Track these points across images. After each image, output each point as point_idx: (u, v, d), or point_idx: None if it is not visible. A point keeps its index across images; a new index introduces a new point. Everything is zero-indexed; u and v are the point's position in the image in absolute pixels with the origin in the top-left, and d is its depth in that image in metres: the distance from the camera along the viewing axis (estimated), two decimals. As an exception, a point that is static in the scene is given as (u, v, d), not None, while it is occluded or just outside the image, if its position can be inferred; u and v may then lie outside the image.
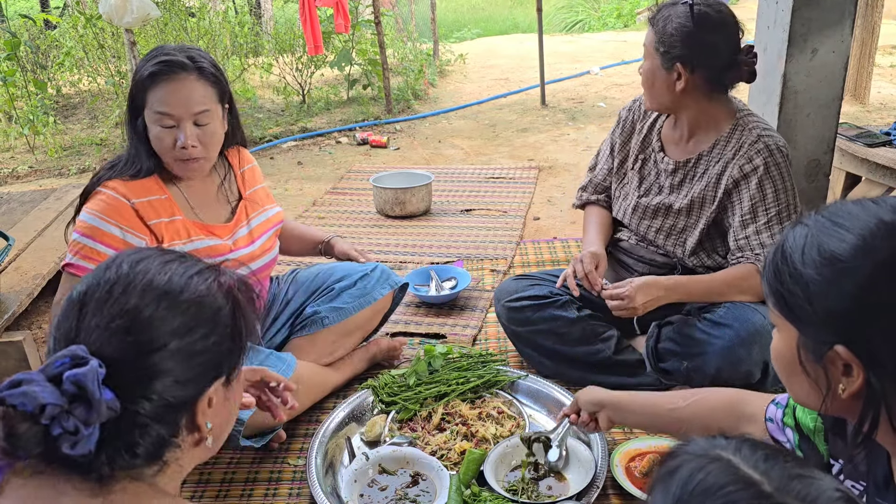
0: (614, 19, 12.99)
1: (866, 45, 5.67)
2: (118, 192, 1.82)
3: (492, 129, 5.85)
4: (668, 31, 1.89)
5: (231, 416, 0.98)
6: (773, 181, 1.91)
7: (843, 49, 2.29)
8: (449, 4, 15.13)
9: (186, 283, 0.88)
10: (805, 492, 0.62)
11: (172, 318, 0.85)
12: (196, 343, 0.87)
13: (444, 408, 2.04)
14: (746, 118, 1.99)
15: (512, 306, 2.26)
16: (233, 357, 0.93)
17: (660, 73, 1.93)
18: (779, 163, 1.91)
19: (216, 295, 0.90)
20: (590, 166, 2.37)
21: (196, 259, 0.95)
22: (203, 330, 0.87)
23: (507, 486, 1.76)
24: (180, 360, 0.85)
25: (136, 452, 0.84)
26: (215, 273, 0.94)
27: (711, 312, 1.97)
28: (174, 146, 1.80)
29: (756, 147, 1.91)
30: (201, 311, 0.88)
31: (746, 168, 1.92)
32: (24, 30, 7.67)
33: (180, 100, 1.77)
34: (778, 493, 0.62)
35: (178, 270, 0.89)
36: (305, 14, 6.04)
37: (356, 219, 3.88)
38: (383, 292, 2.27)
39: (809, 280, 0.90)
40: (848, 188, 2.87)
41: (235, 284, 0.95)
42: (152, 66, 1.77)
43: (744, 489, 0.62)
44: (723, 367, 1.90)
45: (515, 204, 3.98)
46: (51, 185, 4.85)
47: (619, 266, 2.21)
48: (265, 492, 1.85)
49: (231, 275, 0.96)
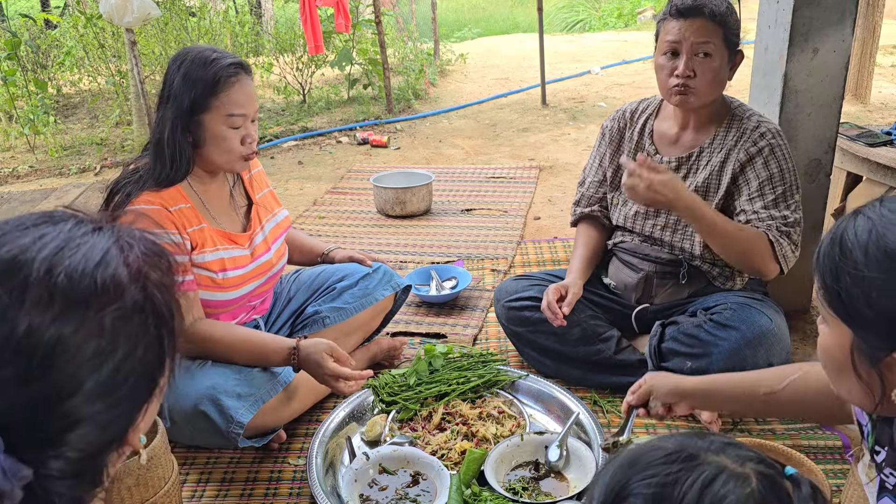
0: (615, 19, 12.98)
1: (867, 44, 5.67)
2: (153, 203, 1.80)
3: (492, 129, 5.85)
4: (731, 20, 1.91)
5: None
6: (779, 161, 1.95)
7: (844, 48, 2.29)
8: (450, 4, 15.12)
9: (89, 276, 0.63)
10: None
11: (83, 344, 0.62)
12: (118, 369, 0.64)
13: (444, 407, 2.04)
14: (741, 108, 2.06)
15: (512, 306, 2.26)
16: (164, 361, 0.71)
17: (724, 67, 1.95)
18: (780, 145, 1.97)
19: (128, 287, 0.65)
20: (579, 182, 2.36)
21: (69, 217, 0.69)
22: (124, 349, 0.65)
23: (507, 486, 1.76)
24: (98, 400, 0.63)
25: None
26: (113, 242, 0.67)
27: (717, 314, 1.97)
28: (243, 144, 1.85)
29: (759, 131, 1.97)
30: (119, 326, 0.64)
31: (752, 150, 1.96)
32: (25, 29, 7.67)
33: (248, 99, 1.84)
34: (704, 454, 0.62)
35: (56, 240, 0.64)
36: (306, 13, 6.04)
37: (357, 218, 3.88)
38: (385, 293, 2.27)
39: (872, 283, 0.82)
40: (849, 188, 2.87)
41: (143, 259, 0.69)
42: (225, 70, 1.79)
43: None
44: (728, 370, 1.89)
45: (516, 203, 3.97)
46: (51, 185, 4.85)
47: (625, 266, 2.20)
48: (265, 491, 1.85)
49: (132, 240, 0.70)
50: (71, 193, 4.47)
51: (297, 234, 2.39)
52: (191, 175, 1.89)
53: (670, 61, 1.95)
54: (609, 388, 2.17)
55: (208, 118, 1.80)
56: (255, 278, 1.99)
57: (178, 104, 1.78)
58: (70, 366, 0.62)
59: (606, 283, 2.26)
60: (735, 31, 1.93)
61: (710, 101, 1.99)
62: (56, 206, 3.68)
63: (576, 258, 2.24)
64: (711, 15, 1.88)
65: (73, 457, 0.64)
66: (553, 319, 2.03)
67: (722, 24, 1.90)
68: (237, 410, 1.78)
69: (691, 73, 1.92)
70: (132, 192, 1.79)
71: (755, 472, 0.63)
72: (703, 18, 1.88)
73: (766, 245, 1.93)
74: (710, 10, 1.88)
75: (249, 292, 2.00)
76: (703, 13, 1.88)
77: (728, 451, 0.65)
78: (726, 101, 2.07)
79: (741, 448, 0.66)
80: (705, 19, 1.88)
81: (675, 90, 1.95)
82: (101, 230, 0.68)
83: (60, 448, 0.63)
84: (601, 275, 2.28)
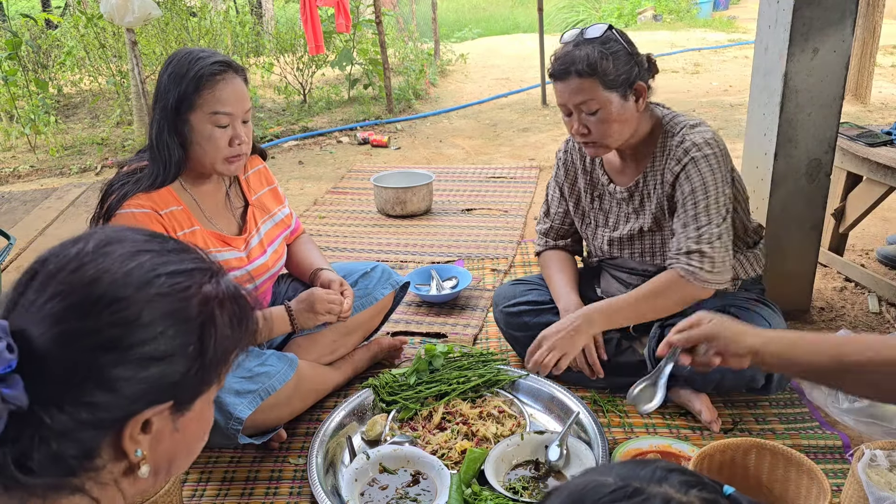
0: (615, 19, 12.99)
1: (867, 44, 5.68)
2: (144, 206, 1.79)
3: (493, 129, 5.85)
4: (605, 65, 1.80)
5: (183, 450, 0.79)
6: (701, 173, 1.86)
7: (844, 48, 2.29)
8: (450, 4, 15.12)
9: (150, 281, 0.72)
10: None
11: (112, 318, 0.69)
12: (135, 355, 0.70)
13: (444, 407, 2.04)
14: (672, 122, 1.95)
15: (510, 311, 2.26)
16: (190, 384, 0.75)
17: (624, 106, 1.85)
18: (706, 155, 1.86)
19: (186, 304, 0.73)
20: (543, 211, 2.33)
21: (187, 255, 0.78)
22: (150, 342, 0.70)
23: (508, 486, 1.76)
24: (110, 371, 0.68)
25: (25, 466, 0.67)
26: (199, 277, 0.76)
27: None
28: (229, 144, 1.83)
29: (683, 147, 1.89)
30: (153, 319, 0.71)
31: (676, 169, 1.89)
32: (26, 29, 7.68)
33: (237, 99, 1.82)
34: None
35: (148, 264, 0.73)
36: (306, 13, 6.05)
37: (357, 218, 3.88)
38: (384, 292, 2.27)
39: None
40: (849, 188, 2.87)
41: (222, 297, 0.77)
42: (209, 68, 1.78)
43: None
44: (726, 373, 1.89)
45: (516, 203, 3.98)
46: (52, 185, 4.85)
47: (615, 280, 2.20)
48: (266, 490, 1.85)
49: (224, 284, 0.78)
50: (72, 193, 4.48)
51: (303, 250, 2.26)
52: (184, 176, 1.88)
53: (568, 119, 1.91)
54: (609, 388, 2.17)
55: (194, 117, 1.79)
56: (250, 281, 1.99)
57: (164, 103, 1.79)
58: (97, 326, 0.69)
59: (600, 295, 2.24)
60: (616, 73, 1.81)
61: (624, 140, 1.93)
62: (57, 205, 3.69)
63: (560, 282, 2.19)
64: (580, 73, 1.80)
65: (68, 411, 0.67)
66: (591, 375, 2.07)
67: (596, 75, 1.80)
68: (236, 406, 1.79)
69: (585, 129, 1.88)
70: (128, 193, 1.79)
71: (699, 498, 0.63)
72: (574, 78, 1.82)
73: (680, 285, 1.89)
74: (578, 68, 1.80)
75: None
76: (571, 73, 1.82)
77: (670, 479, 0.65)
78: (658, 119, 1.97)
79: (682, 473, 0.66)
80: (576, 78, 1.81)
81: (583, 145, 1.93)
82: (199, 270, 0.77)
83: (61, 398, 0.67)
84: (595, 284, 2.28)
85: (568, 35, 1.89)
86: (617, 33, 1.85)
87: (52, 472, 0.69)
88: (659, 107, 2.01)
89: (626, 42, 1.85)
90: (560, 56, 1.85)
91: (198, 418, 0.79)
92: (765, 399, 2.11)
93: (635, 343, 2.19)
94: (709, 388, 1.98)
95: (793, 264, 2.57)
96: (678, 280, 1.89)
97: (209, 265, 0.78)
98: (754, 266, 2.09)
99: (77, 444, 0.69)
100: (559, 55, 1.86)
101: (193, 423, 0.78)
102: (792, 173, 2.45)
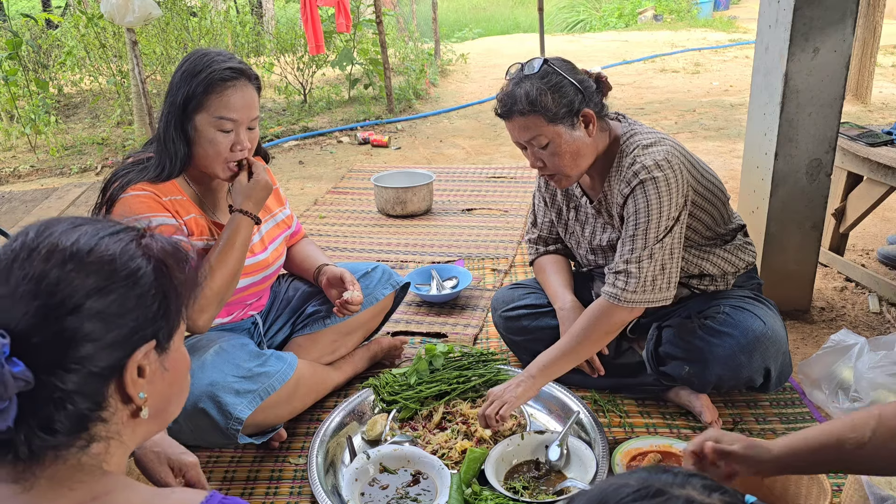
0: (616, 19, 13.00)
1: (868, 44, 5.68)
2: (147, 190, 1.81)
3: (493, 129, 5.85)
4: (544, 100, 1.80)
5: (174, 386, 0.93)
6: (647, 195, 1.83)
7: (844, 48, 2.29)
8: (450, 4, 15.13)
9: (97, 244, 0.83)
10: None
11: (82, 279, 0.80)
12: (111, 304, 0.81)
13: (444, 407, 2.04)
14: (629, 142, 1.91)
15: (508, 315, 2.26)
16: (162, 321, 0.87)
17: (574, 136, 1.85)
18: (655, 178, 1.82)
19: (133, 255, 0.85)
20: (531, 222, 2.34)
21: (114, 222, 0.89)
22: (119, 290, 0.82)
23: (508, 485, 1.76)
24: (96, 323, 0.80)
25: (53, 429, 0.78)
26: (134, 234, 0.88)
27: (711, 318, 1.95)
28: (231, 149, 1.83)
29: (633, 169, 1.86)
30: (115, 271, 0.82)
31: (626, 191, 1.88)
32: (26, 29, 7.68)
33: (245, 106, 1.82)
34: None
35: (88, 231, 0.84)
36: (307, 13, 6.05)
37: (357, 218, 3.88)
38: (385, 292, 2.27)
39: None
40: (849, 188, 2.87)
41: (161, 244, 0.89)
42: (221, 73, 1.78)
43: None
44: (724, 374, 1.89)
45: (516, 203, 3.98)
46: (52, 185, 4.85)
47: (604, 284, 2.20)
48: (266, 490, 1.86)
49: (157, 238, 0.90)
50: (72, 193, 4.48)
51: (305, 251, 2.27)
52: (187, 173, 1.89)
53: (525, 153, 1.93)
54: (609, 388, 2.17)
55: (199, 118, 1.80)
56: (248, 275, 1.99)
57: (173, 99, 1.80)
58: (71, 289, 0.79)
59: (595, 296, 2.24)
60: (557, 107, 1.80)
61: (582, 170, 1.92)
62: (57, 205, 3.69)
63: (555, 283, 2.19)
64: (521, 112, 1.81)
65: (75, 369, 0.78)
66: (592, 373, 2.11)
67: (537, 111, 1.80)
68: (236, 406, 1.79)
69: (541, 163, 1.89)
70: (131, 181, 1.80)
71: (721, 501, 0.64)
72: (517, 117, 1.83)
73: (607, 311, 1.87)
74: (519, 108, 1.81)
75: (242, 288, 2.00)
76: (514, 113, 1.83)
77: (692, 482, 0.66)
78: (616, 138, 1.94)
79: (704, 478, 0.67)
80: (520, 117, 1.83)
81: (548, 178, 1.96)
82: (129, 229, 0.88)
83: (64, 359, 0.78)
84: (590, 286, 2.28)
85: (510, 72, 1.90)
86: (555, 65, 1.85)
87: (74, 429, 0.80)
88: (624, 121, 1.98)
89: (566, 71, 1.84)
90: (502, 97, 1.87)
91: (178, 356, 0.92)
92: (765, 399, 2.11)
93: (634, 344, 2.19)
94: (708, 389, 1.98)
95: (793, 264, 2.57)
96: (605, 306, 1.87)
97: (128, 226, 0.90)
98: (741, 257, 2.05)
99: (88, 398, 0.80)
100: (501, 96, 1.87)
101: (177, 361, 0.92)
102: (792, 173, 2.45)
